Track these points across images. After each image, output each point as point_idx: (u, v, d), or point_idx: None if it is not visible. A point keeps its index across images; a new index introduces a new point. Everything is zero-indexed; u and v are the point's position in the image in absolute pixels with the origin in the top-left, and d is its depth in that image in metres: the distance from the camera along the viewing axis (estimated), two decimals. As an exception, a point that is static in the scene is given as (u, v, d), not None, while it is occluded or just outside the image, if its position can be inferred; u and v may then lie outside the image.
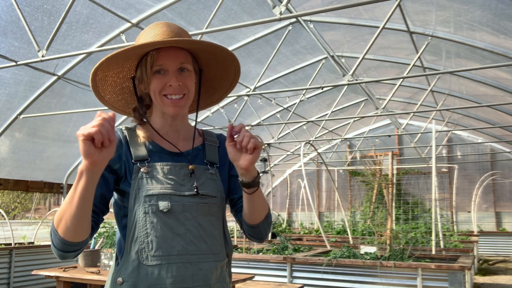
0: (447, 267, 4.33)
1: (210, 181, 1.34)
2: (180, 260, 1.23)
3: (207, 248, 1.27)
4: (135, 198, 1.25)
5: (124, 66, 1.37)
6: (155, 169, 1.28)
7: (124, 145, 1.32)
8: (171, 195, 1.25)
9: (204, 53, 1.37)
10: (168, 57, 1.30)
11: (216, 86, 1.50)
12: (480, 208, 12.00)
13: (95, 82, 1.35)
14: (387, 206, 6.45)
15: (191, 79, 1.34)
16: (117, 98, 1.45)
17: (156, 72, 1.30)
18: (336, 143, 13.48)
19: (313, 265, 5.03)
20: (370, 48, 4.91)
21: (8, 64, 4.86)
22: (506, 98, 7.90)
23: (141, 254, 1.22)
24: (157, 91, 1.30)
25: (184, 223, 1.25)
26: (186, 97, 1.32)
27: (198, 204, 1.28)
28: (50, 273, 4.24)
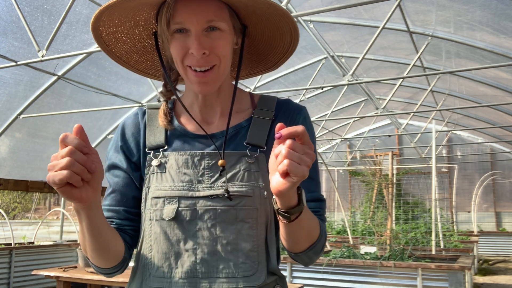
0: (447, 267, 4.33)
1: (245, 174, 0.96)
2: (185, 285, 0.93)
3: (230, 268, 0.93)
4: (145, 199, 1.00)
5: (139, 20, 1.01)
6: (169, 161, 0.99)
7: (141, 131, 1.05)
8: (180, 198, 0.95)
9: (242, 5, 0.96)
10: (190, 11, 0.92)
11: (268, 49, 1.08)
12: (480, 208, 11.99)
13: (101, 40, 1.01)
14: (387, 206, 6.45)
15: (225, 43, 0.95)
16: (139, 59, 1.10)
17: (177, 31, 0.94)
18: (336, 143, 13.48)
19: (313, 265, 5.02)
20: (370, 48, 4.91)
21: (8, 64, 4.86)
22: (506, 98, 7.90)
23: (145, 272, 0.98)
24: (178, 60, 0.96)
25: (196, 234, 0.94)
26: (217, 69, 0.96)
27: (219, 208, 0.94)
28: (50, 273, 4.24)
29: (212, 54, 0.94)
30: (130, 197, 1.03)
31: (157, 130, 1.04)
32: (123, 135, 1.07)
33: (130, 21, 1.00)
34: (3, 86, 6.06)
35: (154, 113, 1.07)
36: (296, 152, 0.76)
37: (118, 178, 1.04)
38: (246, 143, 1.01)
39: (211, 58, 0.94)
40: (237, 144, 1.01)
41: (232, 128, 1.03)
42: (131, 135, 1.06)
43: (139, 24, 1.02)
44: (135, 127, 1.06)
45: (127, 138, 1.06)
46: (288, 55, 1.08)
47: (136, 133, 1.06)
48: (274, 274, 0.99)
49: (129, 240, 1.03)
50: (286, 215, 0.87)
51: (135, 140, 1.05)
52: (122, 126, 1.08)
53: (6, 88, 6.12)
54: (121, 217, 1.03)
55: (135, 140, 1.05)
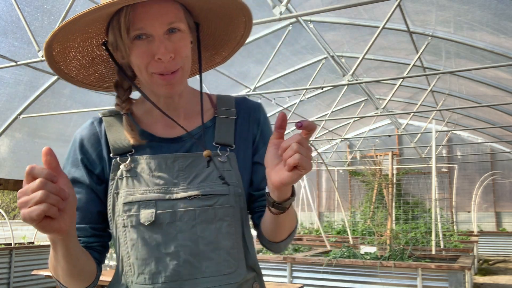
0: (447, 267, 4.33)
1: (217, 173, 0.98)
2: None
3: (213, 267, 0.94)
4: (113, 205, 0.96)
5: (89, 32, 0.98)
6: (139, 165, 0.97)
7: (102, 140, 1.02)
8: (158, 201, 0.93)
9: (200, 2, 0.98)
10: (151, 16, 0.91)
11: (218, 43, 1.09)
12: (480, 208, 11.99)
13: (52, 59, 0.98)
14: (387, 206, 6.45)
15: (186, 43, 0.96)
16: (87, 72, 1.07)
17: (136, 37, 0.93)
18: (336, 143, 13.49)
19: (313, 265, 5.02)
20: (370, 48, 4.91)
21: (8, 64, 4.86)
22: (506, 98, 7.90)
23: (127, 278, 0.96)
24: (142, 68, 0.94)
25: (176, 237, 0.93)
26: (182, 70, 0.96)
27: (198, 209, 0.94)
28: (50, 273, 4.23)
29: (177, 56, 0.94)
30: (94, 213, 1.00)
31: (120, 135, 1.01)
32: (81, 148, 1.03)
33: (82, 34, 0.98)
34: (3, 86, 6.06)
35: (112, 120, 1.04)
36: (303, 147, 0.78)
37: (81, 194, 1.00)
38: (216, 143, 1.01)
39: (177, 61, 0.94)
40: (205, 145, 1.00)
41: (198, 129, 1.03)
42: (90, 146, 1.02)
43: (90, 36, 1.00)
44: (94, 137, 1.03)
45: (86, 150, 1.02)
46: (238, 46, 1.08)
47: (96, 144, 1.02)
48: (253, 271, 1.01)
49: (98, 257, 1.01)
50: (281, 206, 0.89)
51: (96, 150, 1.02)
52: (79, 138, 1.04)
53: (6, 88, 6.12)
54: (88, 235, 1.00)
55: (96, 151, 1.02)
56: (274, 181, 0.82)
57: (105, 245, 1.03)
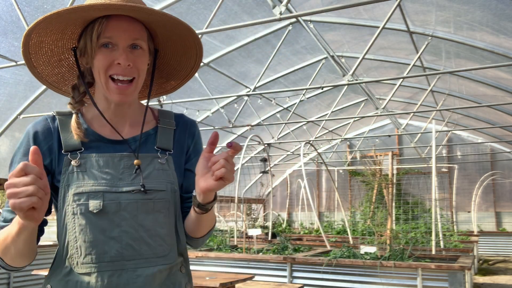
0: (447, 267, 4.33)
1: (158, 172, 1.14)
2: (113, 267, 1.07)
3: (149, 251, 1.10)
4: (63, 196, 1.09)
5: (65, 33, 1.14)
6: (89, 162, 1.10)
7: (54, 135, 1.14)
8: (105, 193, 1.08)
9: (162, 29, 1.16)
10: (120, 29, 1.08)
11: (171, 72, 1.29)
12: (480, 208, 12.00)
13: (27, 47, 1.11)
14: (387, 206, 6.45)
15: (144, 60, 1.13)
16: (52, 72, 1.22)
17: (103, 45, 1.09)
18: (336, 143, 13.49)
19: (313, 265, 5.02)
20: (370, 48, 4.91)
21: (8, 64, 4.86)
22: (506, 98, 7.90)
23: (72, 261, 1.08)
24: (102, 69, 1.09)
25: (120, 224, 1.07)
26: (135, 83, 1.12)
27: (139, 201, 1.10)
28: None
29: (134, 67, 1.10)
30: None
31: (72, 134, 1.14)
32: (34, 139, 1.13)
33: (58, 33, 1.13)
34: (3, 86, 6.07)
35: (65, 119, 1.17)
36: (229, 162, 0.97)
37: None
38: (157, 147, 1.19)
39: (133, 70, 1.11)
40: (148, 148, 1.18)
41: (143, 135, 1.19)
42: (43, 139, 1.13)
43: (64, 38, 1.16)
44: (47, 131, 1.14)
45: (39, 142, 1.13)
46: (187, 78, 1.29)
47: (48, 137, 1.14)
48: (182, 256, 1.19)
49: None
50: (205, 207, 1.07)
51: (48, 144, 1.13)
52: (32, 131, 1.14)
53: (6, 88, 6.12)
54: None
55: (47, 144, 1.13)
56: (202, 187, 1.01)
57: (42, 229, 1.15)
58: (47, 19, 1.04)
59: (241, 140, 8.74)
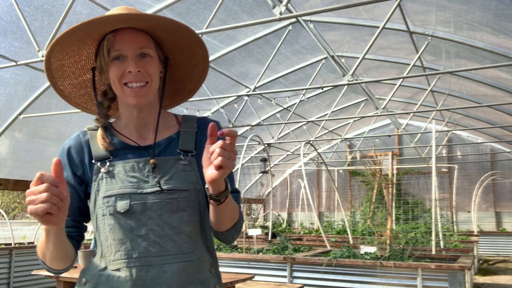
0: (447, 267, 4.33)
1: (181, 173, 1.21)
2: (141, 263, 1.15)
3: (175, 247, 1.17)
4: (95, 200, 1.20)
5: (81, 54, 1.26)
6: (116, 168, 1.21)
7: (85, 148, 1.26)
8: (131, 194, 1.17)
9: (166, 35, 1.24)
10: (126, 40, 1.19)
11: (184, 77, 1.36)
12: (480, 208, 12.00)
13: (51, 72, 1.24)
14: (387, 206, 6.45)
15: (154, 66, 1.22)
16: (78, 93, 1.35)
17: (115, 58, 1.20)
18: (336, 143, 13.49)
19: (313, 265, 5.02)
20: (370, 48, 4.91)
21: (8, 64, 4.86)
22: (506, 98, 7.90)
23: (105, 258, 1.18)
24: (116, 80, 1.19)
25: (146, 222, 1.16)
26: (149, 86, 1.20)
27: (164, 201, 1.17)
28: (50, 273, 4.23)
29: (145, 72, 1.19)
30: (76, 208, 1.24)
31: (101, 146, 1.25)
32: (68, 154, 1.26)
33: (75, 55, 1.25)
34: (3, 86, 6.06)
35: (94, 133, 1.28)
36: (226, 150, 1.00)
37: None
38: (179, 150, 1.26)
39: (144, 76, 1.19)
40: (171, 152, 1.26)
41: (165, 140, 1.28)
42: (75, 153, 1.26)
43: (82, 59, 1.28)
44: (79, 146, 1.27)
45: (72, 156, 1.26)
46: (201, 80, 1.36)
47: (80, 151, 1.26)
48: (209, 254, 1.25)
49: (75, 244, 1.24)
50: (217, 198, 1.10)
51: (79, 157, 1.26)
52: (67, 147, 1.28)
53: (6, 88, 6.12)
54: (69, 225, 1.24)
55: (79, 157, 1.26)
56: (207, 178, 1.05)
57: (82, 235, 1.28)
58: (59, 41, 1.15)
59: (241, 140, 8.74)
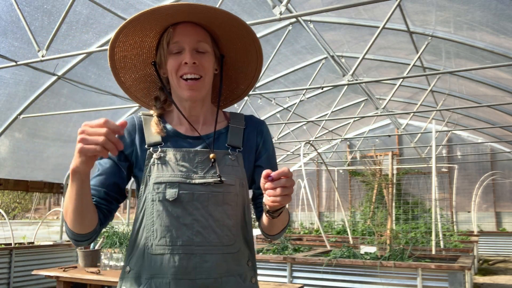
0: (447, 267, 4.33)
1: (228, 168, 1.25)
2: (184, 251, 1.18)
3: (217, 239, 1.20)
4: (146, 184, 1.23)
5: (143, 47, 1.31)
6: (168, 155, 1.24)
7: (138, 131, 1.29)
8: (180, 183, 1.20)
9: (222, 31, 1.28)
10: (185, 33, 1.24)
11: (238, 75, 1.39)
12: (480, 208, 12.00)
13: (114, 62, 1.29)
14: (387, 206, 6.45)
15: (209, 60, 1.26)
16: (138, 87, 1.38)
17: (174, 52, 1.25)
18: (336, 143, 13.48)
19: (313, 265, 5.02)
20: (370, 48, 4.91)
21: (8, 64, 4.86)
22: (506, 98, 7.90)
23: (147, 243, 1.20)
24: (173, 71, 1.24)
25: (192, 212, 1.20)
26: (203, 80, 1.25)
27: (210, 193, 1.21)
28: (50, 273, 4.24)
29: (200, 65, 1.23)
30: (112, 182, 1.25)
31: (154, 131, 1.28)
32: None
33: (137, 47, 1.29)
34: (3, 86, 6.06)
35: (149, 119, 1.32)
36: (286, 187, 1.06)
37: (107, 164, 1.27)
38: (228, 145, 1.29)
39: (199, 69, 1.23)
40: (220, 145, 1.29)
41: (216, 133, 1.31)
42: (127, 133, 1.29)
43: (143, 52, 1.31)
44: (132, 126, 1.30)
45: (125, 134, 1.28)
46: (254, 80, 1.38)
47: (132, 131, 1.29)
48: (248, 248, 1.28)
49: (102, 218, 1.23)
50: (273, 215, 1.17)
51: (130, 137, 1.29)
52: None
53: (6, 88, 6.12)
54: (101, 197, 1.24)
55: (130, 137, 1.29)
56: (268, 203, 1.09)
57: (111, 211, 1.27)
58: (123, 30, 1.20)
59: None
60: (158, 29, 1.26)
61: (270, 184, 1.06)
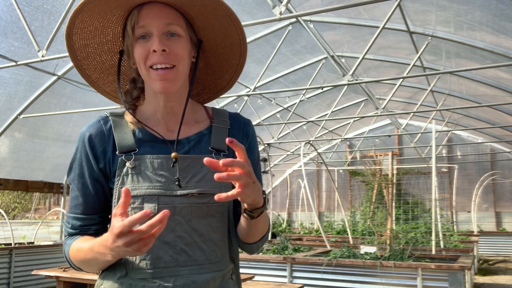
0: (447, 267, 4.33)
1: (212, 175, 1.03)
2: (168, 273, 1.04)
3: (203, 256, 1.07)
4: (118, 198, 1.06)
5: (107, 34, 1.12)
6: (143, 164, 1.07)
7: (108, 137, 1.11)
8: (160, 196, 1.04)
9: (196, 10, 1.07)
10: (151, 15, 1.04)
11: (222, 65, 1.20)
12: (480, 208, 11.99)
13: (74, 52, 1.12)
14: (387, 206, 6.45)
15: (183, 46, 1.06)
16: (106, 80, 1.21)
17: (140, 37, 1.06)
18: (336, 143, 13.48)
19: (313, 265, 5.02)
20: (370, 48, 4.91)
21: (8, 64, 4.86)
22: (506, 98, 7.90)
23: (127, 265, 1.05)
24: (141, 61, 1.05)
25: (174, 228, 1.04)
26: (176, 69, 1.05)
27: (194, 205, 1.06)
28: (50, 273, 4.24)
29: (172, 53, 1.04)
30: (102, 203, 1.12)
31: (126, 135, 1.11)
32: (90, 143, 1.11)
33: (99, 34, 1.11)
34: (3, 86, 6.06)
35: (119, 120, 1.13)
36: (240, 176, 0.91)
37: (90, 186, 1.11)
38: (211, 148, 1.13)
39: (171, 57, 1.04)
40: (202, 149, 1.12)
41: (196, 135, 1.14)
42: (97, 142, 1.11)
43: (108, 40, 1.14)
44: (101, 135, 1.11)
45: (94, 145, 1.11)
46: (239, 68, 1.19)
47: (101, 141, 1.11)
48: (233, 262, 1.15)
49: None
50: (251, 214, 1.03)
51: (102, 147, 1.11)
52: (87, 134, 1.12)
53: (6, 88, 6.12)
54: (97, 223, 1.13)
55: (101, 147, 1.11)
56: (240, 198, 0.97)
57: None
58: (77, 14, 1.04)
59: (241, 140, 8.74)
60: (120, 12, 1.08)
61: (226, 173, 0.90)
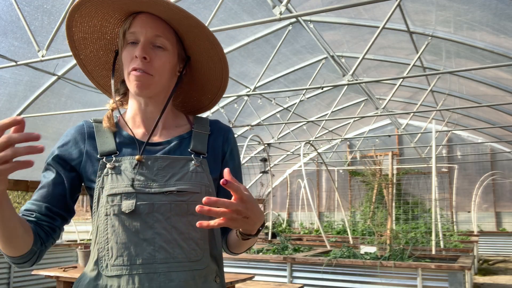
0: (447, 267, 4.33)
1: (192, 175, 1.12)
2: (145, 270, 1.04)
3: (183, 254, 1.07)
4: (98, 198, 1.09)
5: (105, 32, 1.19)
6: (123, 164, 1.10)
7: (88, 139, 1.16)
8: (138, 194, 1.07)
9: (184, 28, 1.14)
10: (143, 24, 1.10)
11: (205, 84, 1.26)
12: (480, 208, 12.00)
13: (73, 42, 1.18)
14: (387, 206, 6.45)
15: (164, 60, 1.12)
16: (101, 73, 1.27)
17: (130, 42, 1.12)
18: (336, 143, 13.48)
19: (313, 265, 5.02)
20: (370, 48, 4.91)
21: (8, 64, 4.86)
22: (506, 98, 7.90)
23: (101, 263, 1.06)
24: (126, 65, 1.12)
25: (153, 225, 1.06)
26: (152, 78, 1.11)
27: (173, 203, 1.08)
28: (50, 273, 4.24)
29: (152, 63, 1.10)
30: (56, 195, 1.12)
31: (107, 139, 1.15)
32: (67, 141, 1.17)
33: (98, 32, 1.18)
34: (3, 86, 6.06)
35: (101, 126, 1.19)
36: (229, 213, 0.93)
37: (50, 177, 1.14)
38: (191, 150, 1.17)
39: (150, 67, 1.10)
40: (182, 151, 1.16)
41: (176, 138, 1.19)
42: (75, 143, 1.16)
43: (105, 38, 1.20)
44: (80, 135, 1.17)
45: (70, 144, 1.16)
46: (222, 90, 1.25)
47: (80, 141, 1.16)
48: (216, 263, 1.15)
49: (43, 236, 1.09)
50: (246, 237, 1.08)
51: (78, 147, 1.15)
52: (67, 133, 1.19)
53: (6, 88, 6.12)
54: (42, 213, 1.11)
55: (77, 148, 1.15)
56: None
57: (54, 228, 1.13)
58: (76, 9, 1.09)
59: (241, 140, 8.74)
60: (118, 16, 1.15)
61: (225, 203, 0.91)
